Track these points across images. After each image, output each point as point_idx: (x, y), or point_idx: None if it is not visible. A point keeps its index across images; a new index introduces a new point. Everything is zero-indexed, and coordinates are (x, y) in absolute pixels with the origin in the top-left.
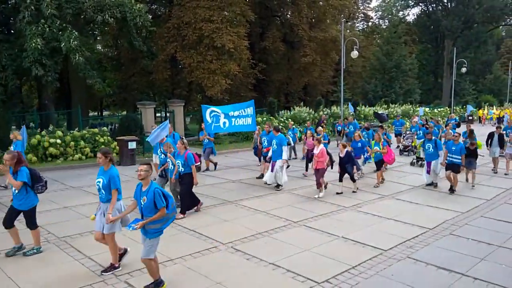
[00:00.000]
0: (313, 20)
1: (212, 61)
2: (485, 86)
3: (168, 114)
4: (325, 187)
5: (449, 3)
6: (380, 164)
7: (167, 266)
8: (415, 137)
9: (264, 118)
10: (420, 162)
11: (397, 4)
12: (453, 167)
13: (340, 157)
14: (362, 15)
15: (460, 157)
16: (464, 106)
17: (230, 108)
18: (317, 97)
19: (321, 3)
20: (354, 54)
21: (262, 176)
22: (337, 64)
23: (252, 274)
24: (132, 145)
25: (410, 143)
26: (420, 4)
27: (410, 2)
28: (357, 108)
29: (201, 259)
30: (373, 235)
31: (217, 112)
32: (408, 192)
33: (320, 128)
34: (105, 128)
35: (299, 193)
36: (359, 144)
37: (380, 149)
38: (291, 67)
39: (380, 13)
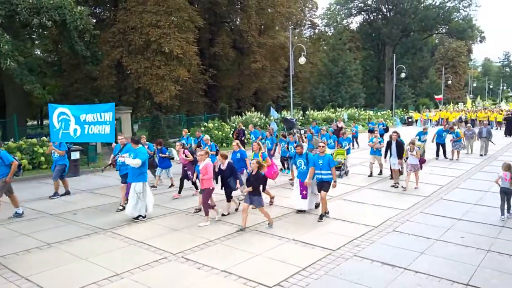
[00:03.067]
0: (262, 26)
1: (160, 67)
2: (422, 90)
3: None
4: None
5: (388, 13)
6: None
7: (112, 282)
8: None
9: (216, 124)
10: (339, 172)
11: (341, 13)
12: (323, 186)
13: (220, 169)
14: (309, 22)
15: (330, 172)
16: (405, 109)
17: (82, 109)
18: (268, 102)
19: (269, 10)
20: (302, 60)
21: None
22: (286, 70)
23: (203, 283)
24: (76, 155)
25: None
26: (362, 13)
27: (353, 11)
28: (306, 112)
29: (150, 271)
30: (322, 236)
31: (67, 115)
32: (355, 192)
33: (207, 136)
34: (45, 137)
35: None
36: (238, 155)
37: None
38: (242, 73)
39: (325, 20)
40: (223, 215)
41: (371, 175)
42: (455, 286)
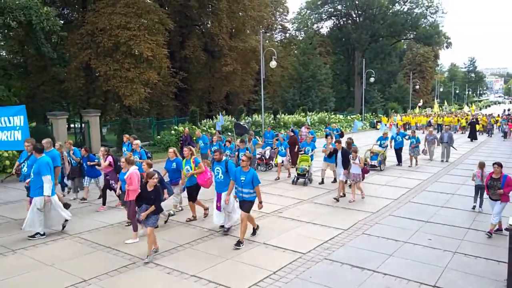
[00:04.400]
0: (233, 30)
1: (130, 69)
2: (391, 94)
3: (83, 125)
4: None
5: (357, 18)
6: (194, 190)
7: None
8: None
9: (187, 127)
10: (303, 179)
11: (311, 17)
12: (243, 205)
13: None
14: (280, 26)
15: (253, 190)
16: (374, 113)
17: None
18: (239, 106)
19: (240, 14)
20: (273, 64)
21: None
22: (257, 73)
23: None
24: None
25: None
26: (332, 18)
27: (323, 15)
28: (277, 116)
29: (118, 277)
30: (293, 239)
31: None
32: (325, 195)
33: (136, 142)
34: None
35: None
36: (174, 165)
37: (192, 169)
38: (213, 76)
39: (296, 25)
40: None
41: (322, 182)
42: None
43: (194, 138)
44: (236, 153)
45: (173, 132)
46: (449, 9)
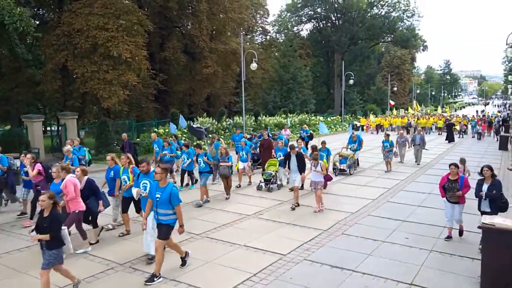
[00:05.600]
0: (214, 32)
1: (108, 71)
2: (370, 96)
3: (59, 128)
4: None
5: (337, 21)
6: (126, 204)
7: None
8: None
9: (167, 130)
10: (268, 185)
11: (292, 20)
12: (160, 230)
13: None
14: (261, 29)
15: (171, 211)
16: (353, 115)
17: None
18: (220, 108)
19: (221, 15)
20: (253, 66)
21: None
22: (238, 75)
23: None
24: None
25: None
26: (312, 20)
27: (303, 18)
28: (258, 118)
29: (96, 282)
30: (273, 241)
31: None
32: (306, 197)
33: (67, 148)
34: None
35: (206, 204)
36: (112, 173)
37: (130, 180)
38: (193, 78)
39: (276, 27)
40: (90, 244)
41: (292, 190)
42: (400, 286)
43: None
44: (194, 157)
45: (153, 134)
46: (425, 13)
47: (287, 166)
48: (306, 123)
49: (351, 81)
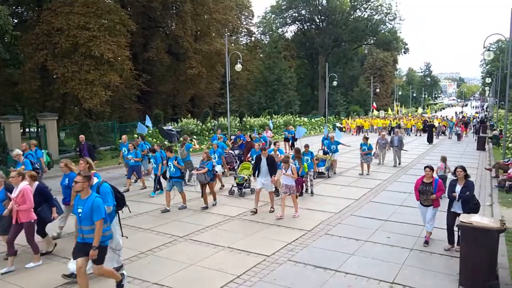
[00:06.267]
0: (198, 33)
1: (90, 71)
2: (353, 98)
3: (39, 129)
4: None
5: (321, 23)
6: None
7: None
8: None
9: (151, 131)
10: (241, 190)
11: (276, 22)
12: (85, 250)
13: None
14: (245, 30)
15: (94, 229)
16: (337, 116)
17: None
18: (205, 109)
19: (205, 16)
20: (238, 67)
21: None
22: (223, 76)
23: None
24: None
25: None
26: (296, 22)
27: (288, 20)
28: (243, 119)
29: (75, 287)
30: (257, 242)
31: None
32: (288, 198)
33: (17, 151)
34: None
35: (190, 206)
36: (67, 180)
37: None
38: (178, 79)
39: (261, 29)
40: (42, 254)
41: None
42: (382, 285)
43: (118, 143)
44: (165, 161)
45: (135, 136)
46: (406, 16)
47: (257, 171)
48: (291, 124)
49: (335, 83)
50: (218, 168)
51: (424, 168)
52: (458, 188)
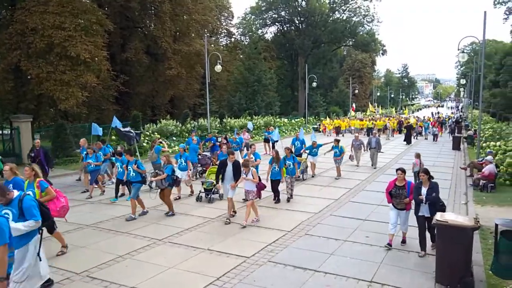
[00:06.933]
0: (177, 33)
1: (66, 72)
2: (332, 99)
3: (12, 132)
4: None
5: (300, 25)
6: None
7: None
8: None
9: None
10: (209, 195)
11: (256, 22)
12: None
13: None
14: (225, 31)
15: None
16: (317, 117)
17: None
18: (184, 110)
19: (184, 17)
20: (218, 68)
21: None
22: (203, 77)
23: None
24: None
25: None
26: (276, 23)
27: (268, 21)
28: (223, 120)
29: None
30: (237, 244)
31: None
32: (267, 199)
33: None
34: None
35: (164, 209)
36: (11, 187)
37: (36, 196)
38: (156, 80)
39: (241, 30)
40: None
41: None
42: (360, 284)
43: (80, 147)
44: (124, 165)
45: (114, 137)
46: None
47: (220, 177)
48: (272, 125)
49: (314, 84)
50: (180, 174)
51: (396, 171)
52: (424, 190)
